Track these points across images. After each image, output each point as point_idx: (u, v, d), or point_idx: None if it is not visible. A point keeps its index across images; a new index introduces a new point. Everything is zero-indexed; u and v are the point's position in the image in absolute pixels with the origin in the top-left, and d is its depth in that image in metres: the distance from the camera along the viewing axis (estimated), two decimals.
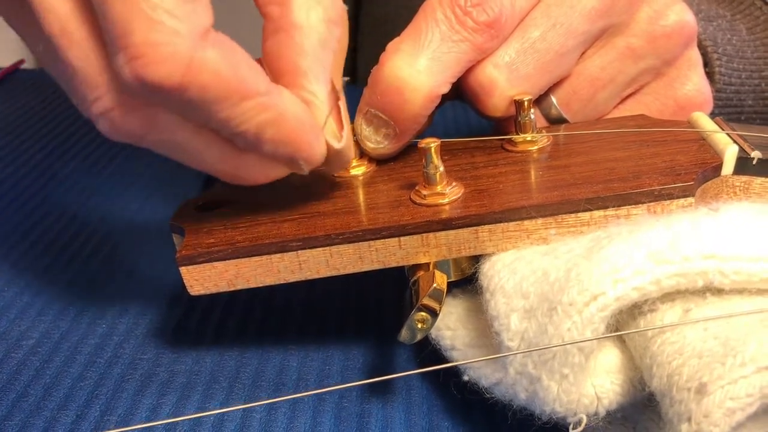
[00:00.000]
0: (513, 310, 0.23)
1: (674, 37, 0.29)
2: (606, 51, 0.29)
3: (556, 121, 0.30)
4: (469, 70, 0.27)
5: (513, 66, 0.27)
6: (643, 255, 0.21)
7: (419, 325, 0.24)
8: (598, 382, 0.22)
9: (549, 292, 0.22)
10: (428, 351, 0.26)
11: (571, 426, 0.22)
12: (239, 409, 0.26)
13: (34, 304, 0.32)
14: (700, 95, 0.30)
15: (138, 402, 0.26)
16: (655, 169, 0.25)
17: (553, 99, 0.29)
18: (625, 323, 0.23)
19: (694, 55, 0.30)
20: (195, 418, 0.25)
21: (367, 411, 0.26)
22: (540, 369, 0.22)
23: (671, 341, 0.21)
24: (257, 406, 0.26)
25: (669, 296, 0.22)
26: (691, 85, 0.30)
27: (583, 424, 0.22)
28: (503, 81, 0.27)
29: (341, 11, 0.24)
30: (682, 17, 0.29)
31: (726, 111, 0.28)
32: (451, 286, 0.27)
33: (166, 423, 0.25)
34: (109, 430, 0.25)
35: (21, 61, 0.65)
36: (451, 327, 0.27)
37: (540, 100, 0.29)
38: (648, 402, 0.23)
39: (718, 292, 0.22)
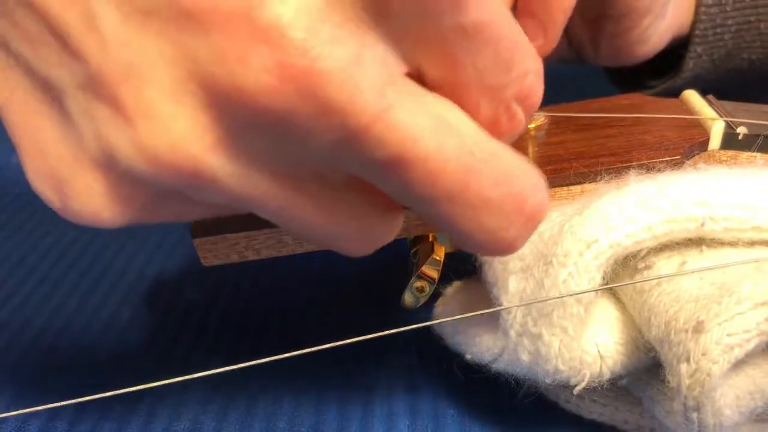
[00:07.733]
0: (510, 273, 0.23)
1: None
2: None
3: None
4: None
5: None
6: (633, 203, 0.22)
7: (418, 292, 0.25)
8: (601, 341, 0.22)
9: (544, 248, 0.23)
10: (435, 345, 0.26)
11: (575, 388, 0.22)
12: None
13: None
14: None
15: None
16: (645, 144, 0.26)
17: None
18: (622, 281, 0.23)
19: None
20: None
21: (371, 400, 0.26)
22: (540, 325, 0.22)
23: (668, 291, 0.22)
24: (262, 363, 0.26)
25: (664, 250, 0.22)
26: None
27: (585, 381, 0.22)
28: None
29: None
30: None
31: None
32: (452, 276, 0.27)
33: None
34: None
35: None
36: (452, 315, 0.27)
37: None
38: (653, 371, 0.23)
39: (712, 244, 0.22)
